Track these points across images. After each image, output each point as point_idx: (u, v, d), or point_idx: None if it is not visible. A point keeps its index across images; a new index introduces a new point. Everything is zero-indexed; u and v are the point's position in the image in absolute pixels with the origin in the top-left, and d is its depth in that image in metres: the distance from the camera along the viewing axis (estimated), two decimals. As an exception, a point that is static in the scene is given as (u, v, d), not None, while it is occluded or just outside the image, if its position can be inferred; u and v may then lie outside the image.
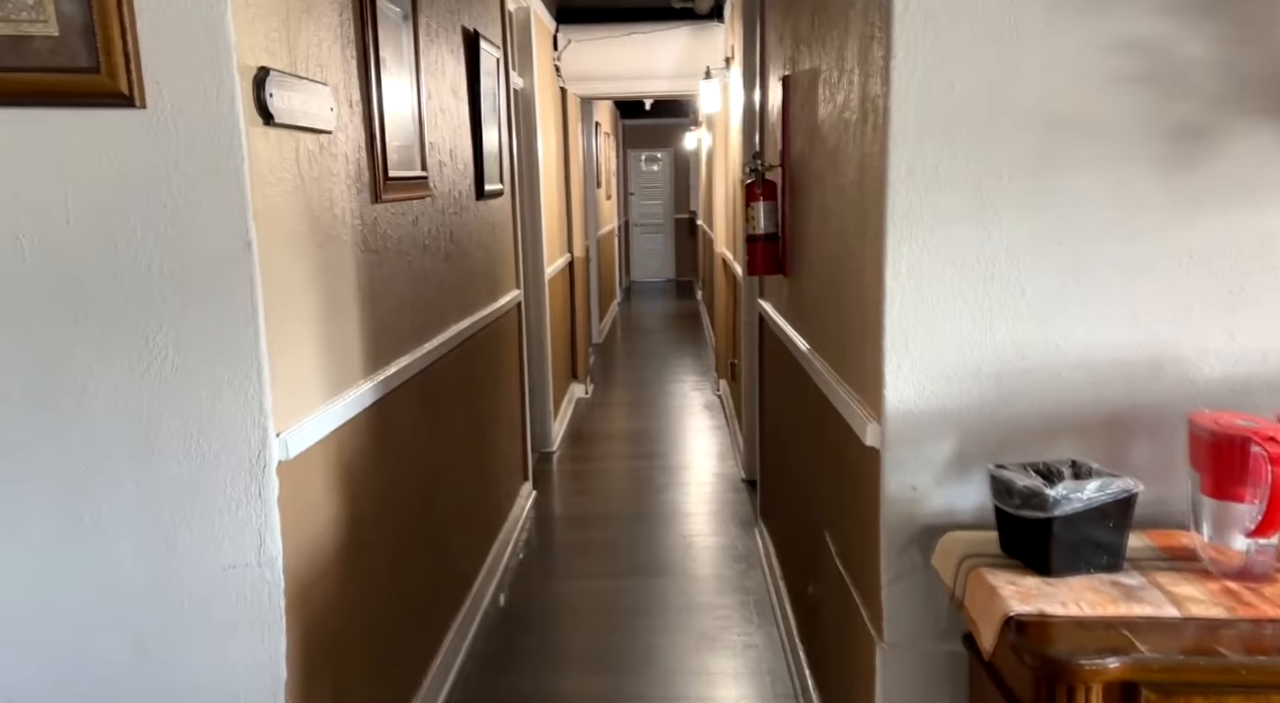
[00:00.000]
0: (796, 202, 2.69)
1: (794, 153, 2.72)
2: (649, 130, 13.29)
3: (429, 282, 2.72)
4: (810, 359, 2.37)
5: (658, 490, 4.52)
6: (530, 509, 4.28)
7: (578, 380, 6.55)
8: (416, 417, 2.57)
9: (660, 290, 13.35)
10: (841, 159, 1.99)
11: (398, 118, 2.40)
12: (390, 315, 2.34)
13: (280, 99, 1.67)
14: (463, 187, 3.18)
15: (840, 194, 2.00)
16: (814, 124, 2.34)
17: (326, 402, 1.90)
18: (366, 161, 2.18)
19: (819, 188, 2.29)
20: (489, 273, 3.60)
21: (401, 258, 2.45)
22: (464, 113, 3.23)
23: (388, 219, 2.34)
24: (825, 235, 2.20)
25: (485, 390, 3.52)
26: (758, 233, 2.90)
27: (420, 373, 2.59)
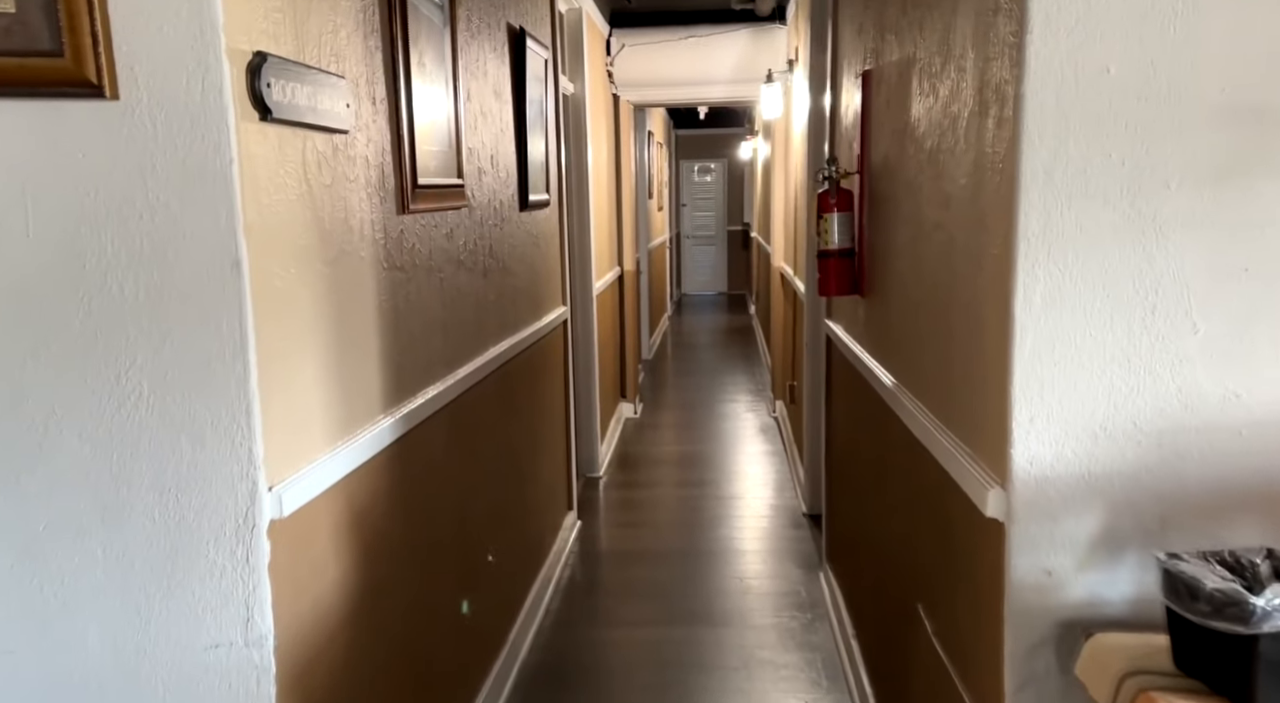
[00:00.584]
0: (878, 213, 2.37)
1: (875, 157, 2.40)
2: (702, 140, 13.00)
3: (465, 300, 2.45)
4: (897, 396, 2.04)
5: (710, 524, 4.20)
6: (574, 542, 3.99)
7: (626, 400, 6.27)
8: (447, 451, 2.30)
9: (711, 304, 13.02)
10: (946, 162, 1.67)
11: (430, 119, 2.14)
12: (418, 340, 2.07)
13: (281, 91, 1.41)
14: (505, 196, 2.91)
15: (944, 204, 1.68)
16: (905, 123, 2.03)
17: (336, 444, 1.63)
18: (392, 167, 1.92)
19: (911, 197, 1.97)
20: (533, 289, 3.33)
21: (432, 275, 2.18)
22: (507, 117, 2.96)
23: (417, 232, 2.08)
24: (920, 253, 1.88)
25: (527, 416, 3.25)
26: (830, 248, 2.58)
27: (453, 402, 2.32)
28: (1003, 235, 1.33)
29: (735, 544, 3.94)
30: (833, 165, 2.55)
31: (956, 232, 1.60)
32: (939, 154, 1.72)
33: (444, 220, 2.27)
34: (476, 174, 2.58)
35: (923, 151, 1.86)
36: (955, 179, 1.60)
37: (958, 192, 1.59)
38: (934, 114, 1.76)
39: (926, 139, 1.83)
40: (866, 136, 2.53)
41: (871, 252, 2.46)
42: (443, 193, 2.23)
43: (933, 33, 1.77)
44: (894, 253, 2.16)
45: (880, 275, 2.34)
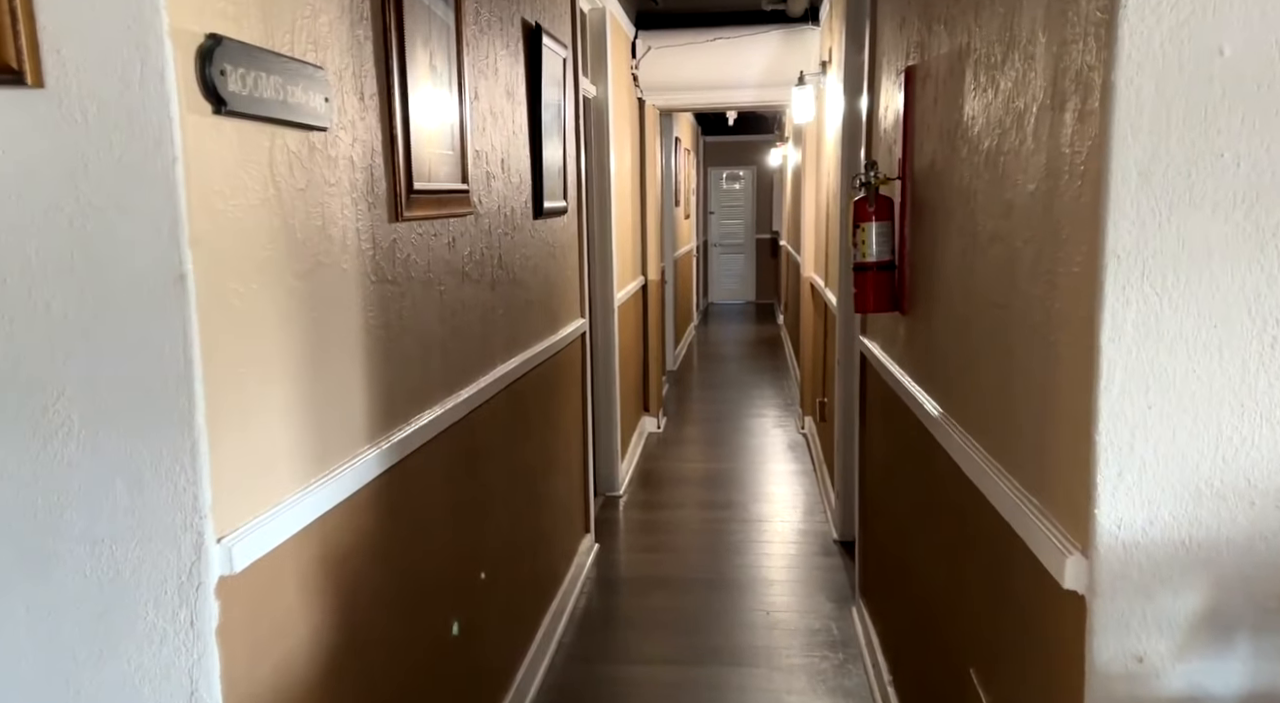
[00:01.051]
0: (922, 222, 2.15)
1: (920, 161, 2.18)
2: (731, 147, 12.79)
3: (469, 315, 2.26)
4: (944, 428, 1.82)
5: (735, 550, 3.97)
6: (591, 567, 3.79)
7: (649, 413, 6.06)
8: (447, 478, 2.10)
9: (739, 313, 12.78)
10: (1007, 165, 1.45)
11: (431, 119, 1.95)
12: (412, 360, 1.88)
13: (239, 80, 1.22)
14: (516, 203, 2.72)
15: (1004, 212, 1.46)
16: (956, 122, 1.81)
17: (308, 482, 1.44)
18: (383, 170, 1.73)
19: (962, 205, 1.75)
20: (547, 302, 3.14)
21: (430, 288, 1.99)
22: (521, 119, 2.78)
23: (413, 241, 1.89)
24: (973, 268, 1.66)
25: (540, 436, 3.05)
26: (868, 260, 2.35)
27: (454, 426, 2.12)
28: (1085, 250, 1.11)
29: (762, 573, 3.72)
30: (872, 170, 2.33)
31: (1021, 244, 1.38)
32: (999, 156, 1.50)
33: (445, 229, 2.09)
34: (484, 179, 2.39)
35: (978, 153, 1.64)
36: (1020, 184, 1.38)
37: (1022, 198, 1.37)
38: (993, 111, 1.54)
39: (983, 139, 1.61)
40: (909, 139, 2.31)
41: (914, 265, 2.23)
42: (444, 199, 2.04)
43: (992, 18, 1.55)
44: (941, 267, 1.94)
45: (924, 291, 2.12)
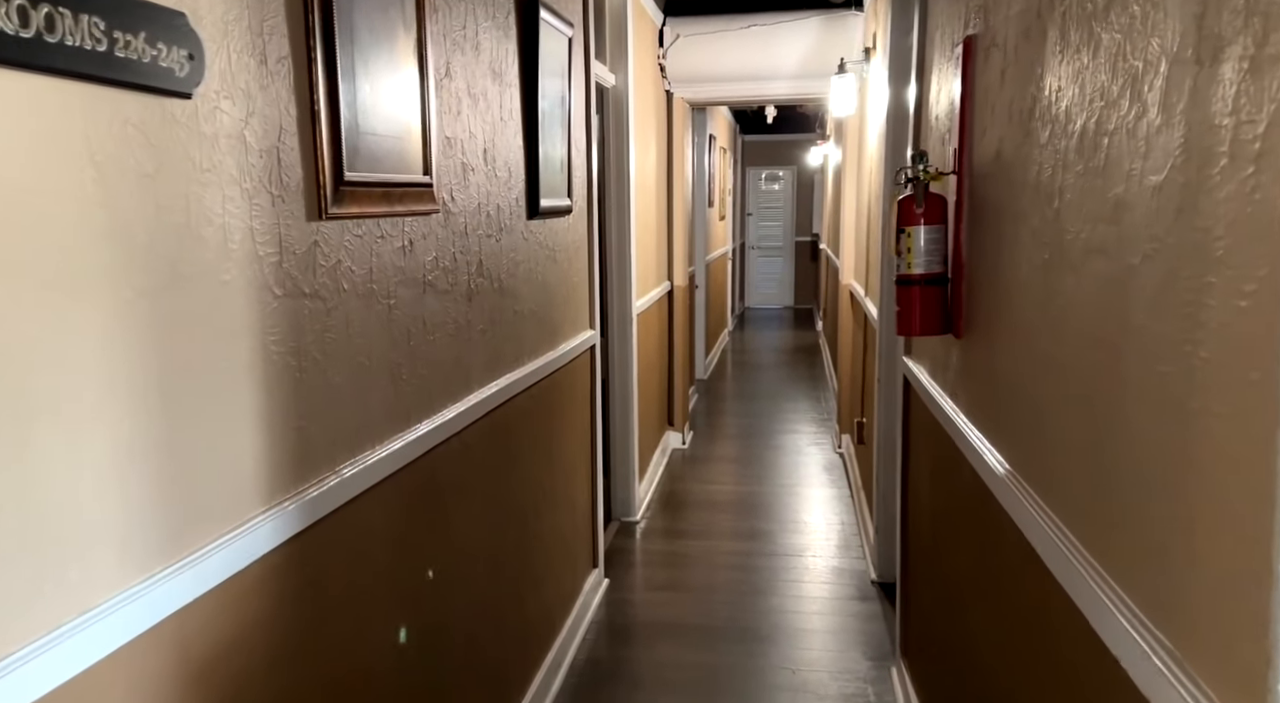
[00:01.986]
0: (983, 226, 1.74)
1: (981, 151, 1.77)
2: (770, 146, 12.35)
3: (434, 334, 1.90)
4: (1012, 491, 1.41)
5: (761, 590, 3.57)
6: (598, 608, 3.41)
7: (674, 428, 5.67)
8: (391, 536, 1.74)
9: (776, 318, 12.33)
10: (1116, 148, 1.04)
11: (376, 95, 1.59)
12: (341, 392, 1.52)
13: (16, 15, 0.86)
14: (505, 201, 2.35)
15: (1111, 214, 1.06)
16: (1033, 98, 1.40)
17: (154, 568, 1.08)
18: (299, 154, 1.37)
19: (1043, 203, 1.34)
20: (546, 312, 2.77)
21: (373, 303, 1.63)
22: (511, 104, 2.41)
23: (347, 244, 1.52)
24: (1059, 288, 1.25)
25: (532, 466, 2.68)
26: (914, 272, 1.95)
27: (409, 468, 1.76)
28: (1266, 273, 0.70)
29: (790, 620, 3.31)
30: (921, 162, 1.92)
31: (1138, 260, 0.97)
32: (1099, 137, 1.10)
33: (398, 230, 1.72)
34: (458, 171, 2.02)
35: (1065, 136, 1.23)
36: (1136, 175, 0.98)
37: (1140, 195, 0.96)
38: (1090, 77, 1.14)
39: (1074, 117, 1.20)
40: (967, 124, 1.90)
41: (972, 279, 1.83)
42: (395, 193, 1.67)
43: (1092, -50, 1.15)
44: (1008, 284, 1.53)
45: (985, 313, 1.71)
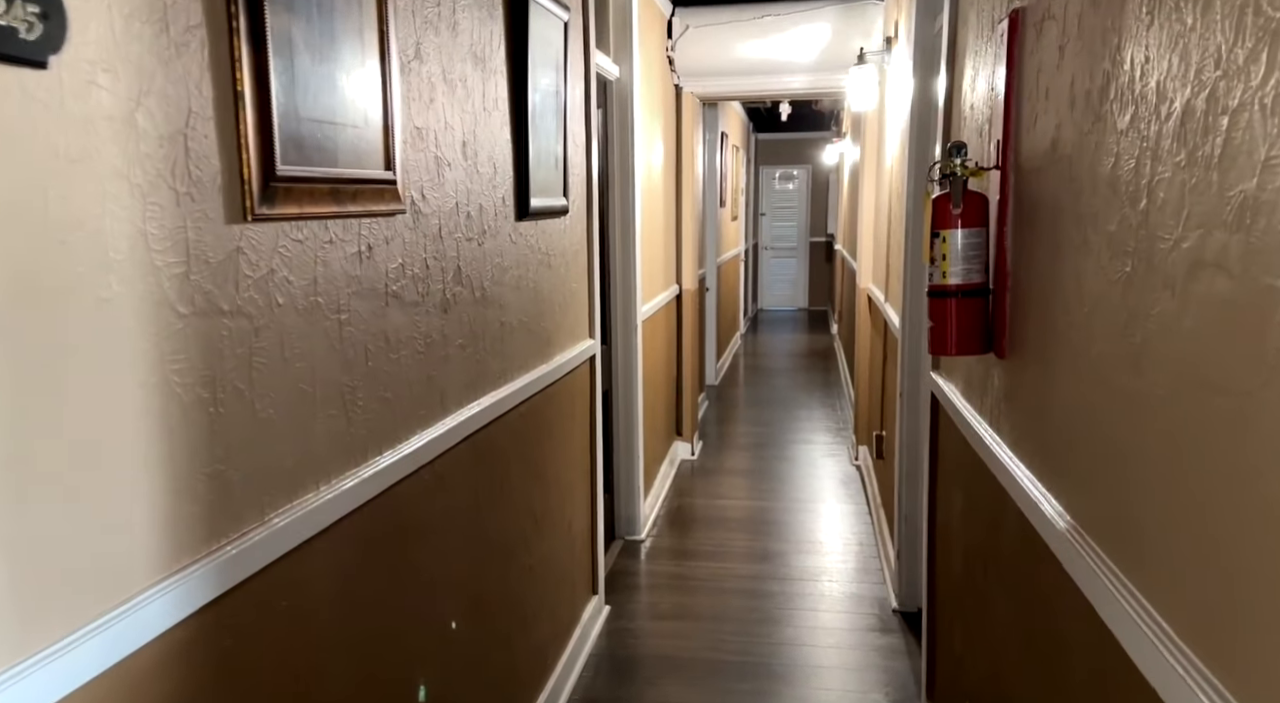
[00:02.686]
0: (1037, 230, 1.49)
1: (1032, 142, 1.52)
2: (784, 145, 12.08)
3: (399, 352, 1.66)
4: (1078, 554, 1.16)
5: (773, 618, 3.32)
6: (598, 639, 3.17)
7: (683, 438, 5.42)
8: (350, 584, 1.50)
9: (790, 321, 12.06)
10: (1240, 131, 0.79)
11: (323, 77, 1.35)
12: (275, 427, 1.28)
13: None
14: (488, 200, 2.11)
15: (1233, 220, 0.81)
16: (1106, 76, 1.15)
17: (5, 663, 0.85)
18: (215, 144, 1.13)
19: (1123, 204, 1.09)
20: (537, 323, 2.53)
21: (318, 319, 1.39)
22: (497, 93, 2.17)
23: (282, 250, 1.29)
24: (1150, 312, 1.00)
25: (522, 491, 2.44)
26: (950, 283, 1.69)
27: (365, 508, 1.53)
28: None
29: (804, 654, 3.06)
30: (958, 156, 1.67)
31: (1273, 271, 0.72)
32: (1215, 118, 0.85)
33: (352, 233, 1.48)
34: (431, 167, 1.78)
35: (1159, 118, 0.98)
36: (1278, 164, 0.73)
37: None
38: (1199, 41, 0.89)
39: (1172, 93, 0.95)
40: (1013, 111, 1.65)
41: (1020, 292, 1.57)
42: (347, 191, 1.43)
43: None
44: (1071, 299, 1.28)
45: (1037, 332, 1.46)
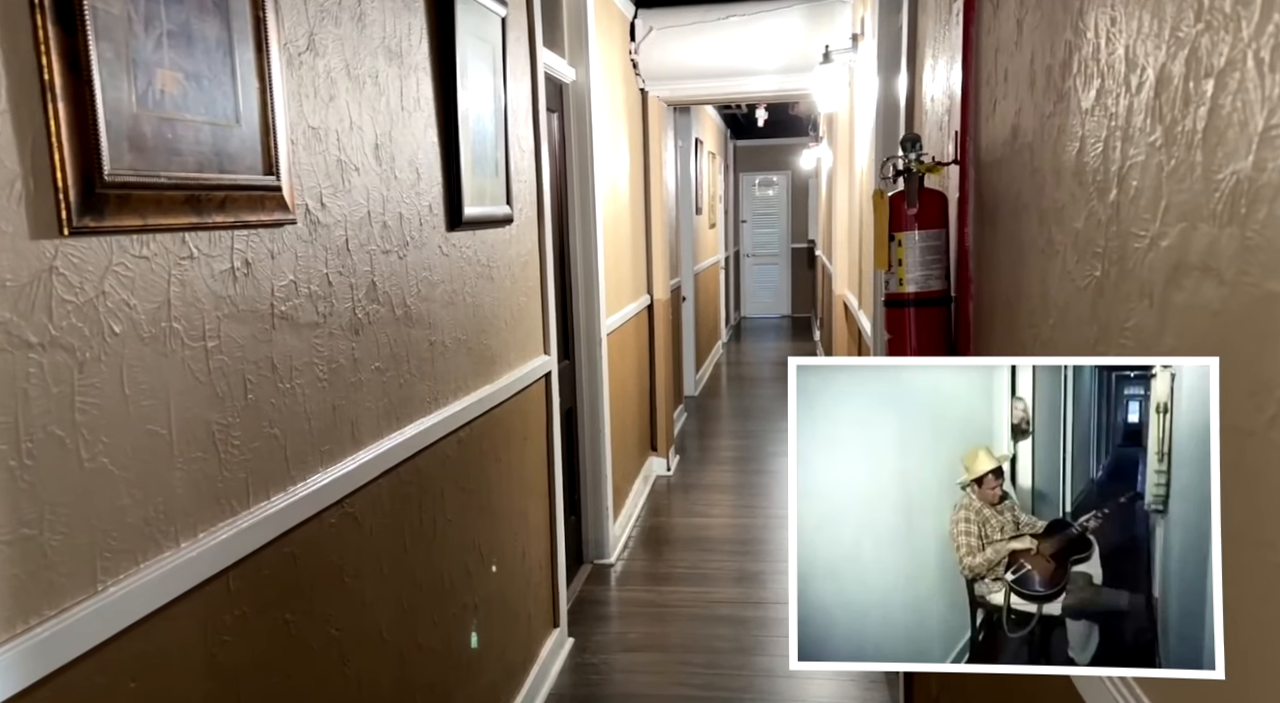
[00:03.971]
0: (999, 229, 1.31)
1: (992, 131, 1.35)
2: (763, 151, 11.93)
3: (297, 379, 1.48)
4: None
5: (749, 647, 3.13)
6: (560, 677, 2.97)
7: (657, 453, 5.23)
8: (228, 653, 1.31)
9: (774, 328, 11.89)
10: (1229, 98, 0.62)
11: (172, 62, 1.17)
12: (116, 475, 1.09)
13: None
14: (411, 208, 1.93)
15: (1230, 208, 0.63)
16: (1070, 48, 0.98)
17: None
18: (13, 144, 0.95)
19: (1091, 195, 0.91)
20: (479, 340, 2.34)
21: (176, 347, 1.20)
22: (418, 91, 1.99)
23: (119, 270, 1.10)
24: (1122, 319, 0.83)
25: (463, 523, 2.25)
26: (907, 291, 1.52)
27: (251, 559, 1.34)
28: None
29: (778, 687, 2.87)
30: (913, 150, 1.50)
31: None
32: (1196, 84, 0.67)
33: (221, 247, 1.30)
34: (332, 171, 1.60)
35: (1129, 90, 0.81)
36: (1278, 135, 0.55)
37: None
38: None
39: (1143, 60, 0.78)
40: (971, 97, 1.48)
41: (984, 299, 1.40)
42: (210, 199, 1.25)
43: None
44: (1037, 308, 1.11)
45: (1004, 347, 1.29)
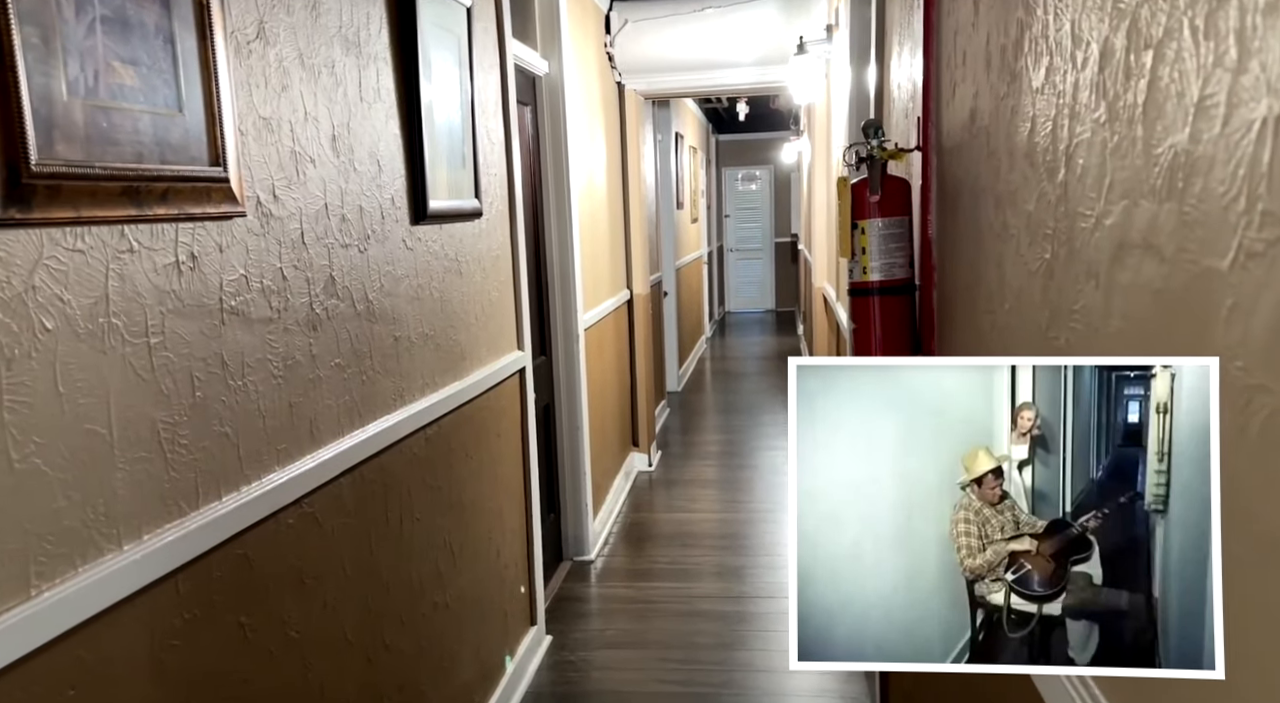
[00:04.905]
0: (959, 215, 1.29)
1: (952, 116, 1.33)
2: (745, 145, 11.92)
3: (249, 376, 1.44)
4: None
5: (729, 642, 3.11)
6: (537, 674, 2.94)
7: (639, 449, 5.21)
8: (175, 657, 1.28)
9: (758, 323, 11.89)
10: (1168, 68, 0.60)
11: (107, 46, 1.13)
12: (50, 477, 1.06)
13: None
14: (372, 201, 1.90)
15: (1168, 181, 0.61)
16: (1022, 27, 0.95)
17: None
18: (-67, 133, 0.92)
19: (1041, 177, 0.89)
20: (447, 336, 2.31)
21: (116, 343, 1.17)
22: (379, 82, 1.96)
23: (50, 263, 1.07)
24: (1071, 303, 0.81)
25: (432, 522, 2.22)
26: (870, 279, 1.51)
27: (201, 561, 1.31)
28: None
29: (757, 681, 2.85)
30: (875, 136, 1.48)
31: (1227, 262, 0.53)
32: (1138, 55, 0.65)
33: (164, 240, 1.26)
34: (286, 163, 1.57)
35: (1075, 66, 0.79)
36: (1218, 105, 0.53)
37: (1227, 142, 0.51)
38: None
39: (1088, 34, 0.76)
40: (932, 81, 1.46)
41: (946, 287, 1.38)
42: (150, 190, 1.21)
43: None
44: (994, 294, 1.09)
45: (965, 334, 1.27)
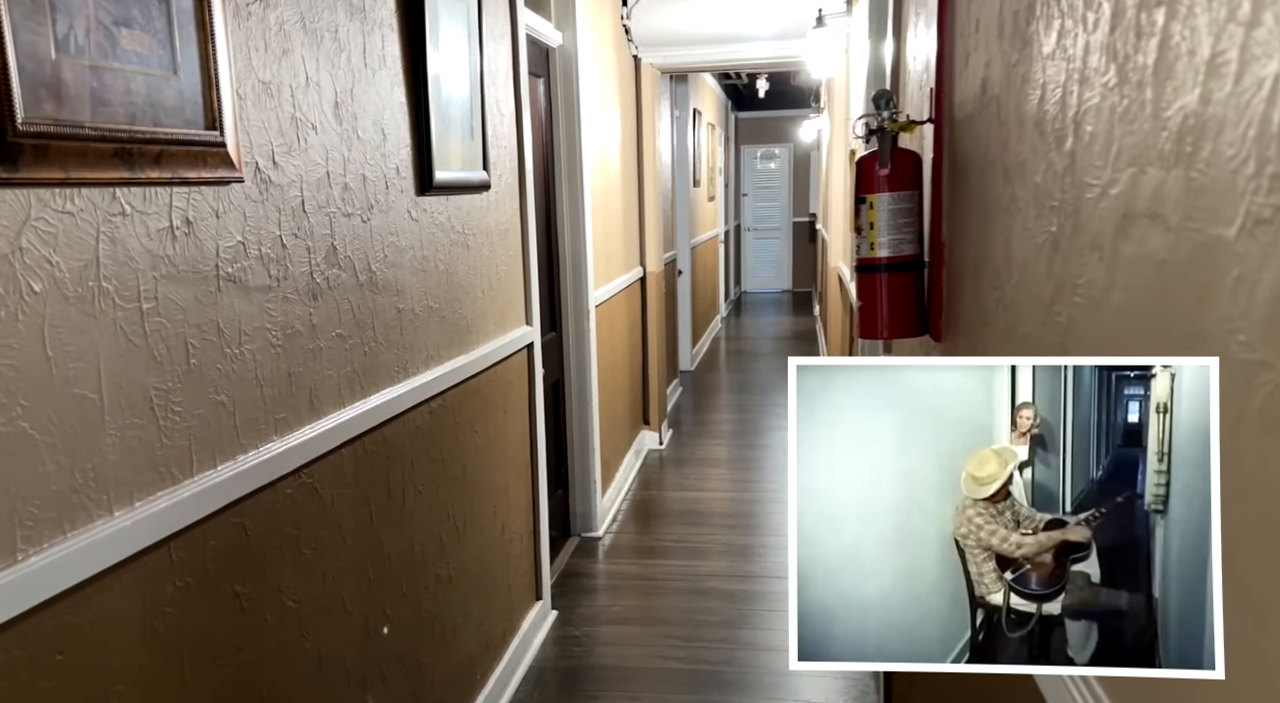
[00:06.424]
0: (969, 188, 1.26)
1: (965, 87, 1.29)
2: (765, 123, 11.80)
3: (247, 344, 1.43)
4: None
5: (734, 621, 3.11)
6: (541, 649, 2.95)
7: (649, 427, 5.20)
8: (174, 619, 1.28)
9: (774, 303, 11.82)
10: (1180, 25, 0.56)
11: (87, 7, 1.11)
12: (38, 441, 1.05)
13: None
14: (375, 170, 1.88)
15: (1177, 146, 0.58)
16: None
17: None
18: (-86, 90, 0.90)
19: (1049, 146, 0.86)
20: (453, 309, 2.30)
21: (108, 308, 1.16)
22: (384, 49, 1.93)
23: (39, 225, 1.05)
24: (1075, 277, 0.78)
25: (435, 495, 2.22)
26: (878, 255, 1.47)
27: (196, 528, 1.30)
28: None
29: (761, 659, 2.85)
30: (885, 107, 1.44)
31: (1234, 230, 0.50)
32: (1149, 13, 0.62)
33: (158, 204, 1.25)
34: (286, 128, 1.55)
35: (1086, 28, 0.75)
36: (1230, 64, 0.50)
37: (1237, 104, 0.48)
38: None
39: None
40: (945, 51, 1.42)
41: (955, 263, 1.35)
42: (144, 153, 1.20)
43: None
44: (1000, 269, 1.06)
45: (970, 310, 1.24)
